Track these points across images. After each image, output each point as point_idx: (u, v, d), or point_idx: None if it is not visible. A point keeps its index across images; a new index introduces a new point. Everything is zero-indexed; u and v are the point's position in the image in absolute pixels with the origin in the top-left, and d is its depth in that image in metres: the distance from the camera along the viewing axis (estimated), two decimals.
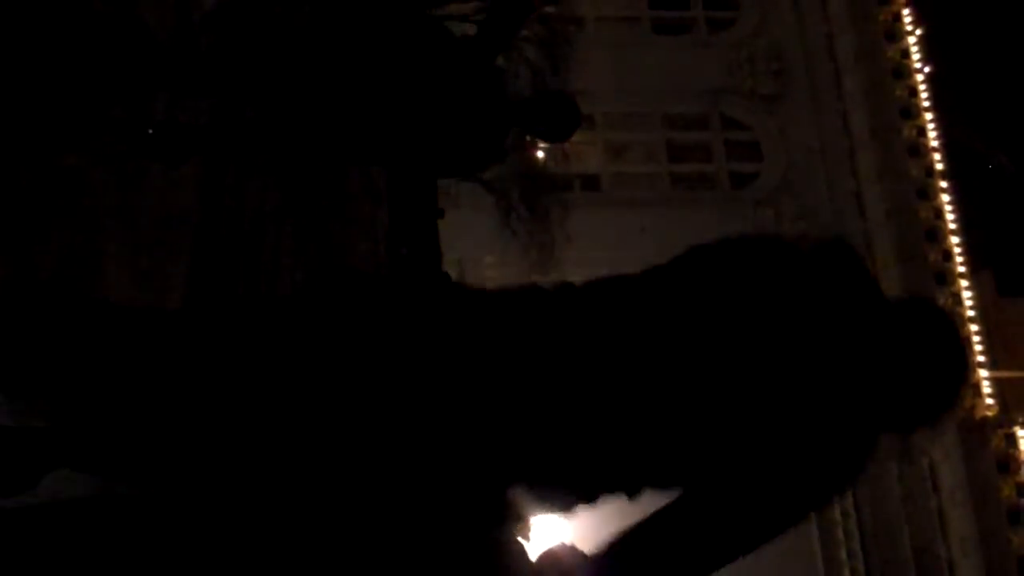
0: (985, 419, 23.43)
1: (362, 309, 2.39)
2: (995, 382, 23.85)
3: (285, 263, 7.41)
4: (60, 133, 4.02)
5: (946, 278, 24.50)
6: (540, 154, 23.49)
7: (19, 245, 3.61)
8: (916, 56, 26.04)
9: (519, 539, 2.82)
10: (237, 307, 2.84)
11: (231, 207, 6.13)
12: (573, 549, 2.46)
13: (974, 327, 24.12)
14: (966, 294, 24.37)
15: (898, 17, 26.25)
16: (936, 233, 24.90)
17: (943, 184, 25.20)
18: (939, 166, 25.31)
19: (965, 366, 2.50)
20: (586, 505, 2.43)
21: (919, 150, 25.52)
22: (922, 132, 25.58)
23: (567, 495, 2.40)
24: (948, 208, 25.02)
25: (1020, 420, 23.50)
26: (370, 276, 2.57)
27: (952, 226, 24.90)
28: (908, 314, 2.43)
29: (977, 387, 23.64)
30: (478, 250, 24.46)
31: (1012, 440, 23.21)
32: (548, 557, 2.49)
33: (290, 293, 6.96)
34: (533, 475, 2.33)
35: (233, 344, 2.40)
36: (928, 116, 25.63)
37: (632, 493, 2.40)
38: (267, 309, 2.69)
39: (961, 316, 24.11)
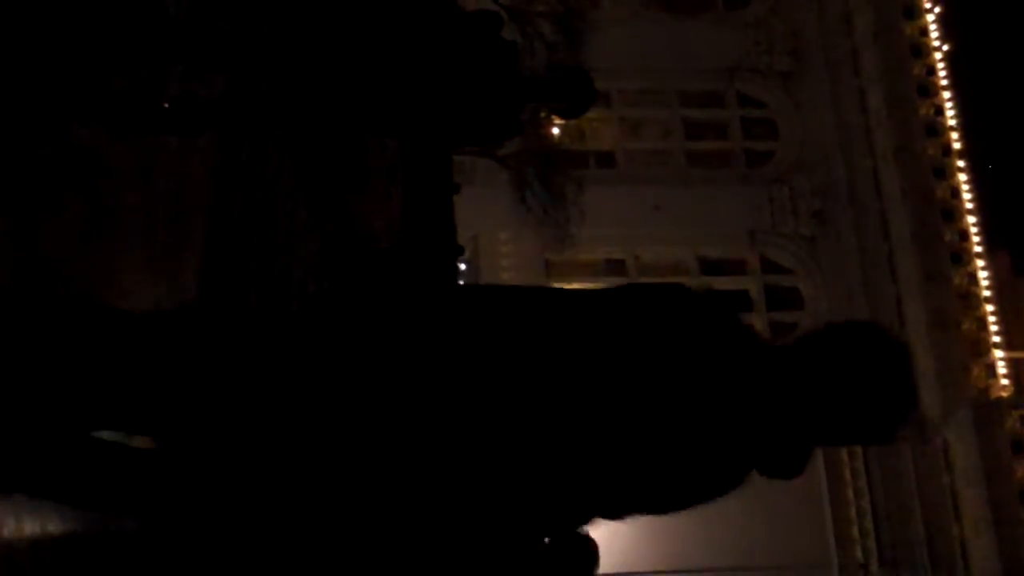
0: (1000, 399, 23.39)
1: (370, 315, 2.42)
2: (1010, 362, 23.80)
3: (300, 238, 7.41)
4: (74, 107, 4.02)
5: (962, 258, 24.42)
6: (555, 131, 23.47)
7: (32, 224, 3.61)
8: (934, 34, 25.88)
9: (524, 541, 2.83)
10: (239, 310, 2.85)
11: (246, 182, 6.13)
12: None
13: (990, 307, 24.05)
14: (982, 274, 24.29)
15: None
16: (952, 212, 24.80)
17: (960, 163, 25.09)
18: (956, 145, 25.19)
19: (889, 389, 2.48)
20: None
21: (936, 129, 25.41)
22: (939, 111, 25.45)
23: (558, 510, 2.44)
24: (965, 188, 24.92)
25: None
26: (376, 280, 2.60)
27: (969, 206, 24.80)
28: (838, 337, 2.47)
29: (992, 367, 23.60)
30: (493, 226, 24.49)
31: None
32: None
33: (301, 293, 6.99)
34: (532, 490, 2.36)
35: (236, 346, 2.42)
36: (946, 95, 25.50)
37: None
38: (272, 314, 2.70)
39: (977, 296, 24.06)
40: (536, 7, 21.92)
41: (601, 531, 2.55)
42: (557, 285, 26.15)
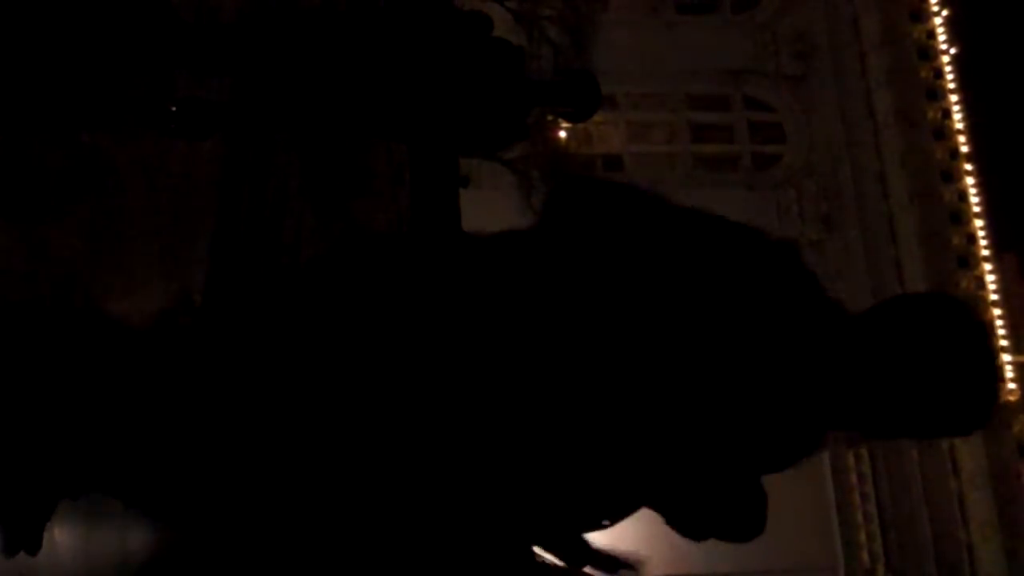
0: (1007, 404, 23.34)
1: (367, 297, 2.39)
2: (1017, 367, 23.74)
3: (307, 240, 7.42)
4: (82, 110, 4.03)
5: (969, 261, 24.38)
6: (562, 134, 23.46)
7: (41, 225, 3.62)
8: (942, 37, 25.85)
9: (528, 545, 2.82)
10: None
11: (252, 185, 6.14)
12: None
13: (997, 311, 24.00)
14: (989, 277, 24.25)
15: None
16: (960, 216, 24.76)
17: (968, 166, 25.05)
18: (964, 148, 25.15)
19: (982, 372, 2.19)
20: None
21: (944, 132, 25.36)
22: (947, 114, 25.41)
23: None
24: (972, 191, 24.88)
25: None
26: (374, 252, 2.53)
27: (976, 209, 24.76)
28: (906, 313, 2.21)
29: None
30: (499, 229, 24.44)
31: None
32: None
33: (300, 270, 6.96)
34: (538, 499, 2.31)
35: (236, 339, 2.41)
36: (953, 98, 25.46)
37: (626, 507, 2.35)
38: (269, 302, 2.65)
39: (984, 299, 24.01)
40: (543, 11, 21.92)
41: (605, 537, 2.53)
42: None
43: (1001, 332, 23.83)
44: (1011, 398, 23.47)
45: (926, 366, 2.09)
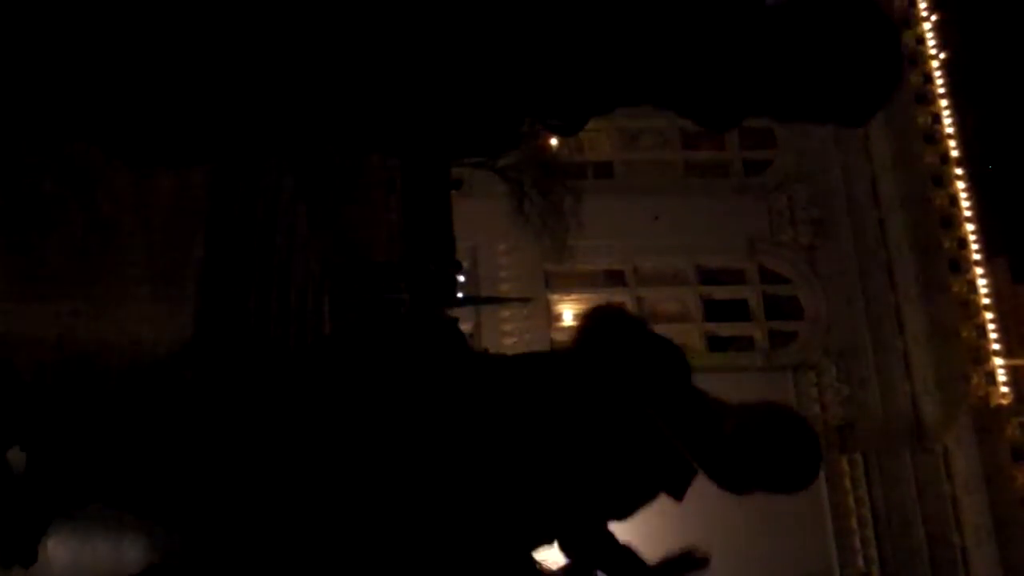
0: (1000, 407, 23.36)
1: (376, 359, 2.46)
2: (1010, 370, 23.78)
3: (299, 248, 7.40)
4: (72, 123, 4.01)
5: (961, 265, 24.41)
6: (553, 142, 23.47)
7: (32, 237, 3.60)
8: (931, 43, 25.91)
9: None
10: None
11: (245, 194, 6.12)
12: None
13: (989, 314, 24.04)
14: (981, 281, 24.28)
15: (913, 3, 26.13)
16: (951, 220, 24.80)
17: (958, 171, 25.09)
18: (954, 153, 25.20)
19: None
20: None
21: (934, 137, 25.41)
22: (937, 119, 25.46)
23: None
24: (963, 195, 24.92)
25: None
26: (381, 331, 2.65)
27: (967, 213, 24.80)
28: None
29: (992, 375, 23.57)
30: (491, 238, 24.48)
31: None
32: None
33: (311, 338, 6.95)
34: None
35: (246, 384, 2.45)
36: (943, 103, 25.52)
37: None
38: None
39: (976, 304, 24.05)
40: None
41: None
42: (556, 296, 26.22)
43: (993, 336, 23.87)
44: (1003, 402, 23.50)
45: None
